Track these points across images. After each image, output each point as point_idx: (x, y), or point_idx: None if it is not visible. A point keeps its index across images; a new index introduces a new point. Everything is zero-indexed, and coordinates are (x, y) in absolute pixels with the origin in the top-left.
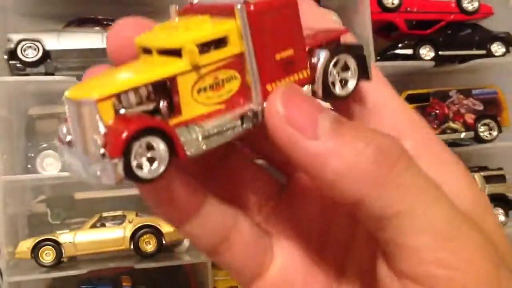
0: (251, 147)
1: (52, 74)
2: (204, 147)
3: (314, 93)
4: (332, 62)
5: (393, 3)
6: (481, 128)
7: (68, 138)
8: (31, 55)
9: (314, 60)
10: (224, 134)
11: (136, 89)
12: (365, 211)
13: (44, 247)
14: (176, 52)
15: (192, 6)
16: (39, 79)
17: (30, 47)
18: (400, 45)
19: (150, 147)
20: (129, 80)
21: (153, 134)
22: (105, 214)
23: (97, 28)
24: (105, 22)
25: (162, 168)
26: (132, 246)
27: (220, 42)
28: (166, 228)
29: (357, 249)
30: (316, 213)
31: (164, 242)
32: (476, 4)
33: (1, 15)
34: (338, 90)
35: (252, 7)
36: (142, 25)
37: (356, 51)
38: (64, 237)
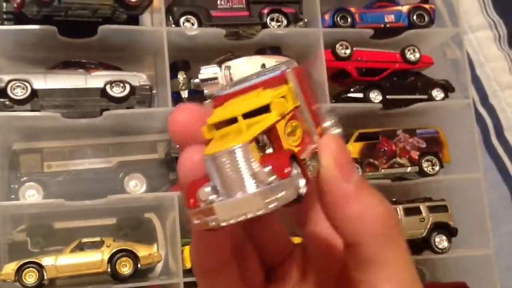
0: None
1: (38, 111)
2: None
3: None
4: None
5: (345, 53)
6: (425, 164)
7: (212, 197)
8: (20, 93)
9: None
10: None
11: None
12: (357, 253)
13: (28, 269)
14: (264, 109)
15: (221, 97)
16: (27, 115)
17: (19, 86)
18: (352, 89)
19: None
20: (254, 130)
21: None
22: (84, 240)
23: (81, 70)
24: (87, 65)
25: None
26: (109, 269)
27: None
28: (142, 252)
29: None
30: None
31: (139, 265)
32: (417, 55)
33: None
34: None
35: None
36: (196, 111)
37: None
38: (46, 260)
